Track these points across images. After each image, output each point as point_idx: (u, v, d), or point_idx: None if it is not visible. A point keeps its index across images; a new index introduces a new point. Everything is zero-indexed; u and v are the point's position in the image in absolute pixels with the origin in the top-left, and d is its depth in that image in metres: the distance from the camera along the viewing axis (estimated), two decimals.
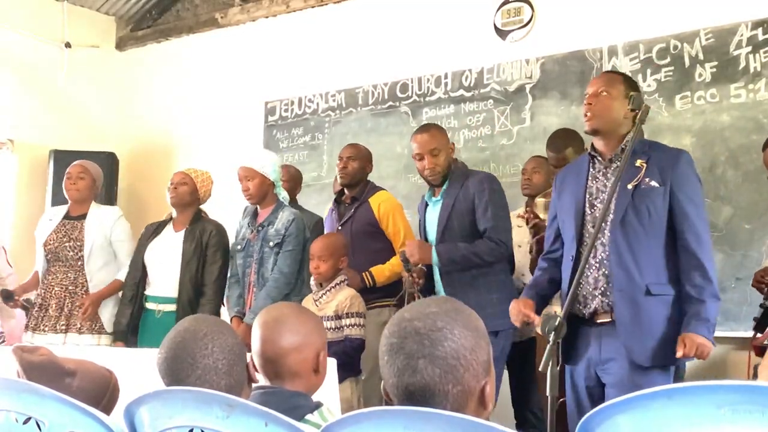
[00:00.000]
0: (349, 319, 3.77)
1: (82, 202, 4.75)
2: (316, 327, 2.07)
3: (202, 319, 2.00)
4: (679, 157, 2.88)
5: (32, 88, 6.72)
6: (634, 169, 2.84)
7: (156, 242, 4.55)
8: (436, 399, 1.42)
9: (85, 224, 4.69)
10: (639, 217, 2.81)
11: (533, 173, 4.41)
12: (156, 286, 4.49)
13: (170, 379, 1.85)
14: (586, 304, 2.88)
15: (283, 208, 4.27)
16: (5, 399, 1.77)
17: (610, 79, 2.97)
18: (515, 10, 5.35)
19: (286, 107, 6.36)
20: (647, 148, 2.91)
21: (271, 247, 4.15)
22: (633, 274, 2.79)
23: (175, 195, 4.51)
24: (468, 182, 3.69)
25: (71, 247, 4.62)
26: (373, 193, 4.44)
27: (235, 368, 1.89)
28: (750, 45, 4.52)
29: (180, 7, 7.16)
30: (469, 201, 3.65)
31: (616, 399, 1.19)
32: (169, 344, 1.89)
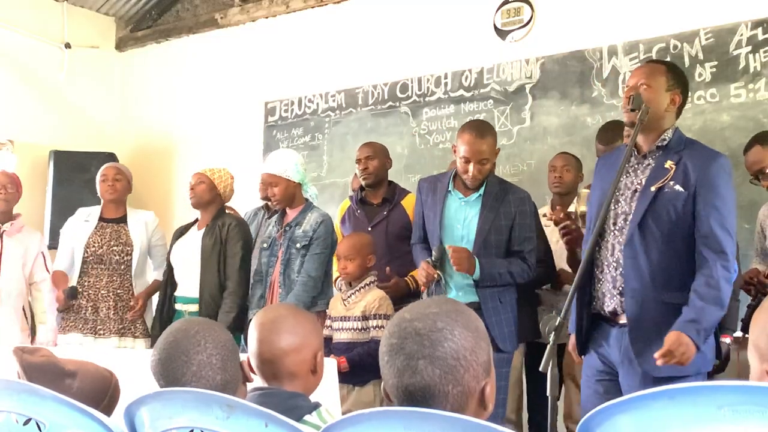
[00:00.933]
0: (376, 321, 3.73)
1: (118, 204, 4.78)
2: (314, 328, 2.07)
3: (193, 319, 2.02)
4: (710, 162, 2.74)
5: (32, 89, 6.73)
6: (663, 170, 2.76)
7: (180, 243, 4.54)
8: (436, 400, 1.42)
9: (129, 228, 4.72)
10: (658, 221, 2.74)
11: (564, 170, 4.28)
12: (182, 287, 4.48)
13: (165, 379, 1.86)
14: (604, 302, 2.84)
15: (311, 209, 4.20)
16: (5, 400, 1.78)
17: (652, 71, 2.84)
18: (515, 10, 5.35)
19: (286, 107, 6.36)
20: (683, 147, 2.79)
21: (298, 248, 4.09)
22: (646, 279, 2.73)
23: (194, 195, 4.49)
24: (509, 198, 3.59)
25: (119, 251, 4.65)
26: (404, 195, 4.37)
27: (229, 363, 1.91)
28: (750, 45, 4.52)
29: (180, 8, 7.16)
30: (509, 219, 3.57)
31: (618, 399, 1.19)
32: (162, 345, 1.90)
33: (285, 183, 4.13)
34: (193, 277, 4.41)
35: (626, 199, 2.83)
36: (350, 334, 3.81)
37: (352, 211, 4.47)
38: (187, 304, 4.42)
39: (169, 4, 7.18)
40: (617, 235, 2.82)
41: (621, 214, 2.84)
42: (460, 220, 3.62)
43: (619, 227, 2.83)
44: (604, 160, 3.08)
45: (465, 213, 3.62)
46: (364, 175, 4.39)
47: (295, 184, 4.16)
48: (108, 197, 4.73)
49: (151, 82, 7.15)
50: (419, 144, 5.65)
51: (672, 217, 2.73)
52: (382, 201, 4.38)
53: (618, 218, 2.84)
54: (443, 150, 5.43)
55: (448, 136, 5.47)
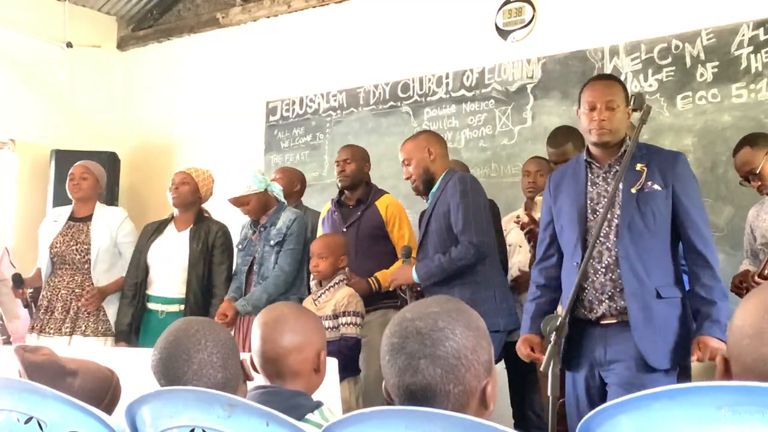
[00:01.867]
0: (346, 318, 3.75)
1: (86, 202, 4.72)
2: (317, 326, 2.08)
3: (193, 318, 2.02)
4: (677, 159, 2.90)
5: (34, 88, 6.73)
6: (635, 173, 2.85)
7: (159, 242, 4.52)
8: (438, 399, 1.42)
9: (91, 227, 4.66)
10: (645, 220, 2.82)
11: (538, 175, 4.33)
12: (159, 287, 4.46)
13: (166, 378, 1.86)
14: (592, 308, 2.87)
15: (284, 209, 4.30)
16: (7, 399, 1.78)
17: (615, 90, 2.93)
18: (516, 10, 5.35)
19: (288, 107, 6.36)
20: (645, 152, 2.92)
21: (272, 245, 4.16)
22: (643, 279, 2.80)
23: (177, 195, 4.50)
24: (447, 185, 3.70)
25: (78, 250, 4.59)
26: (379, 196, 4.42)
27: (229, 362, 1.91)
28: (751, 45, 4.52)
29: (181, 7, 7.17)
30: (446, 204, 3.66)
31: (618, 399, 1.20)
32: (162, 344, 1.90)
33: (254, 198, 4.20)
34: (173, 279, 4.41)
35: (603, 207, 2.86)
36: None
37: (330, 213, 4.54)
38: (165, 305, 4.41)
39: (171, 4, 7.18)
40: (603, 242, 2.86)
41: (600, 221, 2.85)
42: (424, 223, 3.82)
43: (604, 234, 2.87)
44: (558, 175, 3.13)
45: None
46: (341, 178, 4.47)
47: (262, 193, 4.22)
48: (74, 195, 4.69)
49: (153, 82, 7.15)
50: None
51: (656, 215, 2.83)
52: (357, 202, 4.44)
53: (599, 226, 2.85)
54: None
55: (449, 136, 5.46)
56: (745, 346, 1.30)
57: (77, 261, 4.59)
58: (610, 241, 2.85)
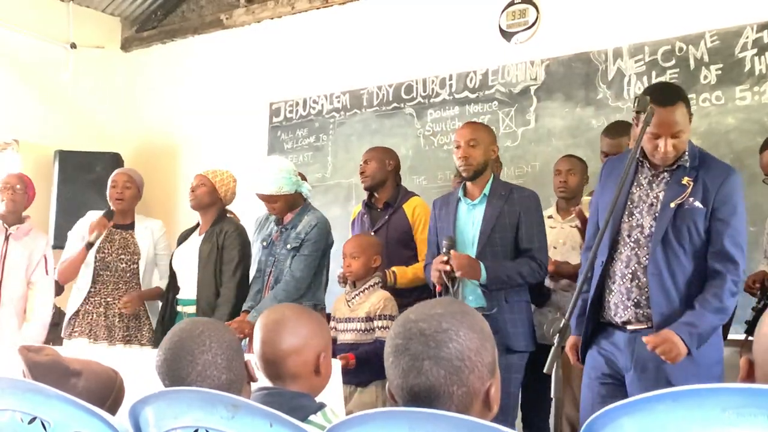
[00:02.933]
0: (381, 321, 3.73)
1: (126, 211, 4.74)
2: (317, 328, 2.06)
3: (198, 319, 2.03)
4: (726, 177, 2.81)
5: (37, 89, 6.74)
6: (680, 186, 2.80)
7: (182, 247, 4.57)
8: (441, 400, 1.42)
9: (136, 237, 4.70)
10: (679, 237, 2.77)
11: (569, 174, 4.21)
12: (183, 290, 4.50)
13: (171, 378, 1.86)
14: (616, 312, 2.85)
15: (308, 211, 4.19)
16: (11, 399, 1.78)
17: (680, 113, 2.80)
18: (520, 12, 5.35)
19: (291, 108, 6.36)
20: (697, 163, 2.84)
21: (289, 249, 4.10)
22: (672, 297, 2.77)
23: (194, 198, 4.49)
24: (513, 196, 3.61)
25: (126, 260, 4.64)
26: (407, 198, 4.34)
27: (234, 363, 1.91)
28: (755, 47, 4.51)
29: (185, 8, 7.17)
30: (514, 217, 3.57)
31: (621, 401, 1.19)
32: (167, 345, 1.90)
33: (283, 198, 4.11)
34: (192, 281, 4.44)
35: (641, 212, 2.84)
36: (354, 335, 3.81)
37: (360, 216, 4.47)
38: (186, 306, 4.44)
39: (175, 5, 7.19)
40: (633, 248, 2.83)
41: (636, 227, 2.84)
42: (469, 223, 3.64)
43: (635, 240, 2.84)
44: (611, 165, 3.06)
45: (473, 216, 3.65)
46: (362, 179, 4.43)
47: (292, 195, 4.14)
48: (116, 206, 4.67)
49: (157, 83, 7.16)
50: (424, 145, 5.65)
51: (692, 234, 2.77)
52: (385, 205, 4.37)
53: (633, 231, 2.84)
54: (448, 151, 5.42)
55: (452, 138, 5.46)
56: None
57: (122, 270, 4.63)
58: (641, 249, 2.81)
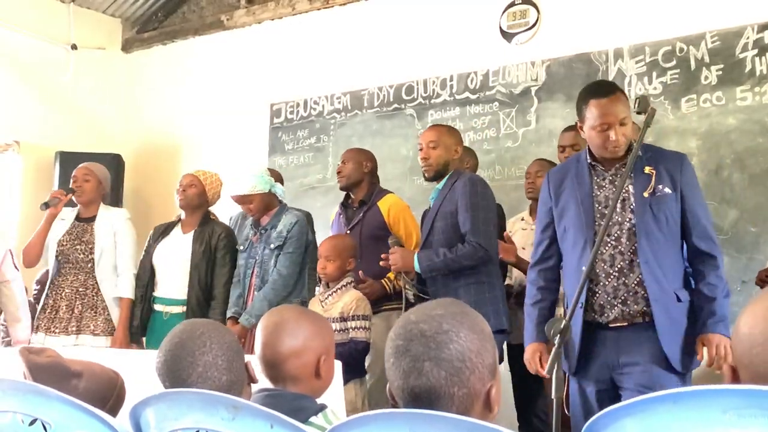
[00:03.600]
0: (355, 322, 3.76)
1: (89, 204, 4.74)
2: (318, 331, 2.05)
3: (198, 321, 2.02)
4: (683, 162, 2.91)
5: (38, 90, 6.74)
6: (644, 176, 2.85)
7: (164, 244, 4.55)
8: (442, 401, 1.42)
9: (94, 227, 4.67)
10: (658, 224, 2.82)
11: (537, 177, 4.30)
12: (164, 288, 4.48)
13: (171, 380, 1.86)
14: (603, 312, 2.86)
15: (286, 211, 4.28)
16: (11, 400, 1.78)
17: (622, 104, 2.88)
18: (521, 13, 5.35)
19: (292, 109, 6.37)
20: (650, 154, 2.91)
21: (272, 249, 4.16)
22: (663, 283, 2.80)
23: (184, 197, 4.51)
24: (456, 183, 3.69)
25: (82, 250, 4.61)
26: (381, 196, 4.40)
27: (234, 364, 1.91)
28: (756, 48, 4.51)
29: (186, 10, 7.18)
30: (454, 203, 3.64)
31: (623, 402, 1.19)
32: (167, 347, 1.90)
33: (258, 197, 4.19)
34: (177, 280, 4.43)
35: (615, 209, 2.85)
36: None
37: (338, 215, 4.54)
38: (169, 306, 4.43)
39: (175, 6, 7.19)
40: (615, 245, 2.85)
41: (614, 224, 2.86)
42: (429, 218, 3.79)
43: (615, 237, 2.86)
44: (558, 176, 3.07)
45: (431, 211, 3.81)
46: (338, 178, 4.48)
47: (266, 194, 4.21)
48: (77, 199, 4.69)
49: (157, 84, 7.16)
50: None
51: (669, 220, 2.84)
52: (360, 203, 4.42)
53: (611, 229, 2.85)
54: None
55: None
56: (756, 354, 1.27)
57: (81, 260, 4.61)
58: (623, 244, 2.84)
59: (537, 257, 3.12)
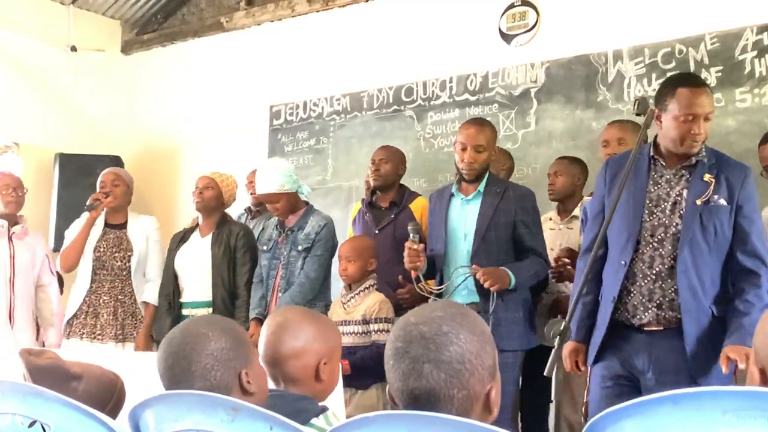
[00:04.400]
0: (377, 325, 3.73)
1: (119, 210, 4.76)
2: (320, 334, 2.03)
3: (199, 318, 2.00)
4: (746, 175, 2.82)
5: (38, 92, 6.74)
6: (702, 183, 2.79)
7: (184, 249, 4.57)
8: (441, 403, 1.42)
9: (129, 234, 4.71)
10: (705, 234, 2.76)
11: (556, 177, 4.26)
12: (189, 292, 4.51)
13: (170, 379, 1.81)
14: (635, 314, 2.83)
15: (313, 213, 4.24)
16: (11, 402, 1.78)
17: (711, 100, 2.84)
18: (520, 14, 5.35)
19: (291, 111, 6.37)
20: (714, 161, 2.84)
21: (300, 251, 4.12)
22: (699, 296, 2.75)
23: (201, 200, 4.51)
24: (509, 194, 3.60)
25: (120, 257, 4.65)
26: (413, 198, 4.36)
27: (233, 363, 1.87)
28: (755, 49, 4.51)
29: (185, 11, 7.18)
30: (510, 214, 3.57)
31: (623, 404, 1.19)
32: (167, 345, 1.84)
33: (285, 197, 4.15)
34: (200, 283, 4.45)
35: (664, 211, 2.82)
36: (352, 339, 3.79)
37: (362, 214, 4.47)
38: (195, 309, 4.44)
39: (175, 8, 7.19)
40: (657, 248, 2.81)
41: (659, 226, 2.82)
42: (462, 219, 3.65)
43: (659, 239, 2.81)
44: (617, 165, 3.00)
45: (466, 212, 3.65)
46: (375, 176, 4.41)
47: (293, 194, 4.18)
48: (107, 205, 4.70)
49: (157, 86, 7.16)
50: (424, 148, 5.65)
51: (718, 232, 2.77)
52: (390, 204, 4.37)
53: (656, 230, 2.82)
54: (448, 154, 5.42)
55: (453, 140, 5.45)
56: None
57: (117, 268, 4.65)
58: (665, 248, 2.79)
59: (587, 245, 3.03)
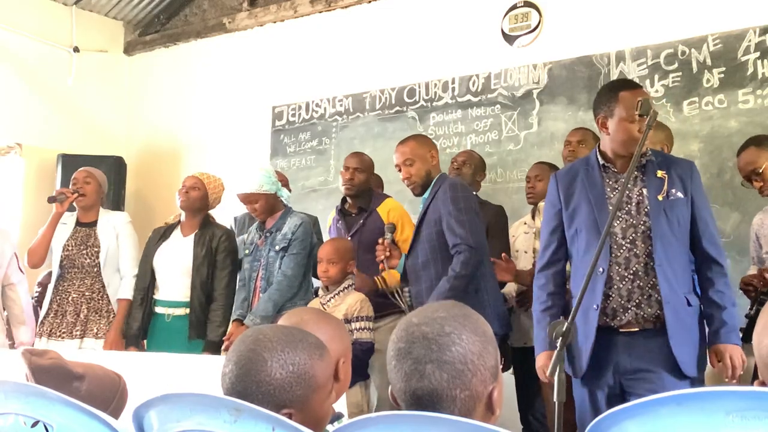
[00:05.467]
0: (358, 323, 3.76)
1: (90, 207, 4.75)
2: (336, 333, 2.03)
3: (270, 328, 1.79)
4: (693, 168, 2.95)
5: (40, 92, 6.75)
6: (657, 180, 2.87)
7: (164, 247, 4.55)
8: (444, 404, 1.42)
9: (97, 231, 4.69)
10: (672, 228, 2.84)
11: (537, 181, 4.30)
12: (165, 291, 4.49)
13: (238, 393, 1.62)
14: (615, 316, 2.85)
15: (291, 214, 4.28)
16: (13, 402, 1.78)
17: None
18: (523, 16, 5.35)
19: (294, 112, 6.37)
20: (661, 159, 2.94)
21: (277, 251, 4.16)
22: (674, 287, 2.81)
23: (186, 199, 4.51)
24: (439, 190, 3.71)
25: (88, 254, 4.62)
26: (379, 202, 4.39)
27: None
28: (758, 51, 4.51)
29: (188, 12, 7.18)
30: (437, 211, 3.66)
31: (625, 404, 1.19)
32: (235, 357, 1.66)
33: (264, 197, 4.17)
34: (179, 283, 4.44)
35: (629, 212, 2.87)
36: None
37: (334, 221, 4.53)
38: (171, 308, 4.44)
39: (178, 9, 7.20)
40: (631, 248, 2.85)
41: (629, 227, 2.86)
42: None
43: (631, 240, 2.85)
44: (568, 178, 3.04)
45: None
46: (348, 185, 4.41)
47: (272, 195, 4.20)
48: (78, 202, 4.69)
49: (159, 86, 7.17)
50: None
51: (681, 224, 2.86)
52: (359, 210, 4.41)
53: (626, 231, 2.85)
54: (450, 155, 5.41)
55: (455, 141, 5.47)
56: None
57: (86, 265, 4.62)
58: (638, 247, 2.84)
59: (545, 260, 3.07)
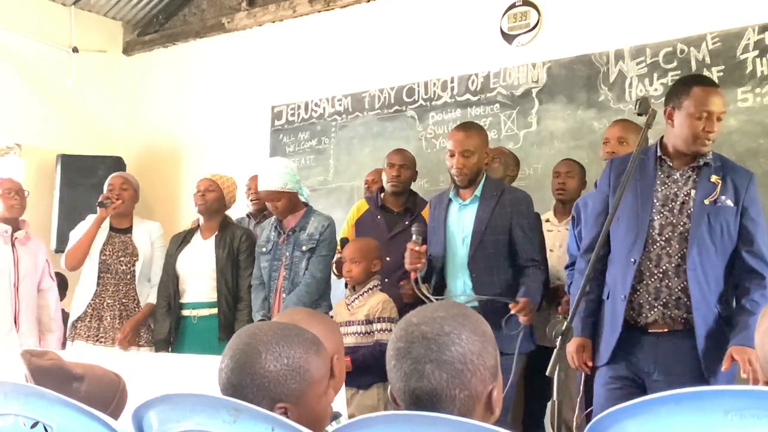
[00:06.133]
0: (380, 324, 3.75)
1: (125, 214, 4.77)
2: (327, 331, 2.02)
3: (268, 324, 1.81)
4: (751, 178, 2.88)
5: (40, 93, 6.75)
6: (710, 184, 2.83)
7: (186, 251, 4.57)
8: (443, 404, 1.42)
9: (134, 239, 4.72)
10: (712, 234, 2.80)
11: (568, 177, 4.26)
12: (190, 294, 4.51)
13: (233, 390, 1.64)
14: (641, 312, 2.84)
15: (314, 213, 4.24)
16: (13, 403, 1.78)
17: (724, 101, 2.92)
18: (522, 15, 5.35)
19: (293, 111, 6.37)
20: (719, 164, 2.89)
21: (303, 251, 4.12)
22: (706, 295, 2.79)
23: (204, 202, 4.51)
24: (504, 198, 3.60)
25: (125, 262, 4.66)
26: (425, 205, 4.31)
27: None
28: (757, 49, 4.51)
29: (187, 12, 7.18)
30: (506, 219, 3.57)
31: (624, 404, 1.19)
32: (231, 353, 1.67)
33: (287, 196, 4.14)
34: (202, 285, 4.46)
35: (672, 210, 2.84)
36: (355, 338, 3.81)
37: (371, 215, 4.42)
38: (196, 309, 4.45)
39: (177, 9, 7.20)
40: (664, 246, 2.83)
41: (667, 225, 2.84)
42: (459, 224, 3.65)
43: (666, 238, 2.83)
44: (622, 164, 2.99)
45: (463, 216, 3.65)
46: (395, 182, 4.36)
47: (295, 194, 4.19)
48: (116, 209, 4.69)
49: (159, 86, 7.17)
50: (425, 148, 5.65)
51: (724, 232, 2.80)
52: (404, 210, 4.36)
53: (664, 229, 2.84)
54: None
55: None
56: None
57: (121, 272, 4.66)
58: (672, 247, 2.82)
59: (588, 245, 3.05)
